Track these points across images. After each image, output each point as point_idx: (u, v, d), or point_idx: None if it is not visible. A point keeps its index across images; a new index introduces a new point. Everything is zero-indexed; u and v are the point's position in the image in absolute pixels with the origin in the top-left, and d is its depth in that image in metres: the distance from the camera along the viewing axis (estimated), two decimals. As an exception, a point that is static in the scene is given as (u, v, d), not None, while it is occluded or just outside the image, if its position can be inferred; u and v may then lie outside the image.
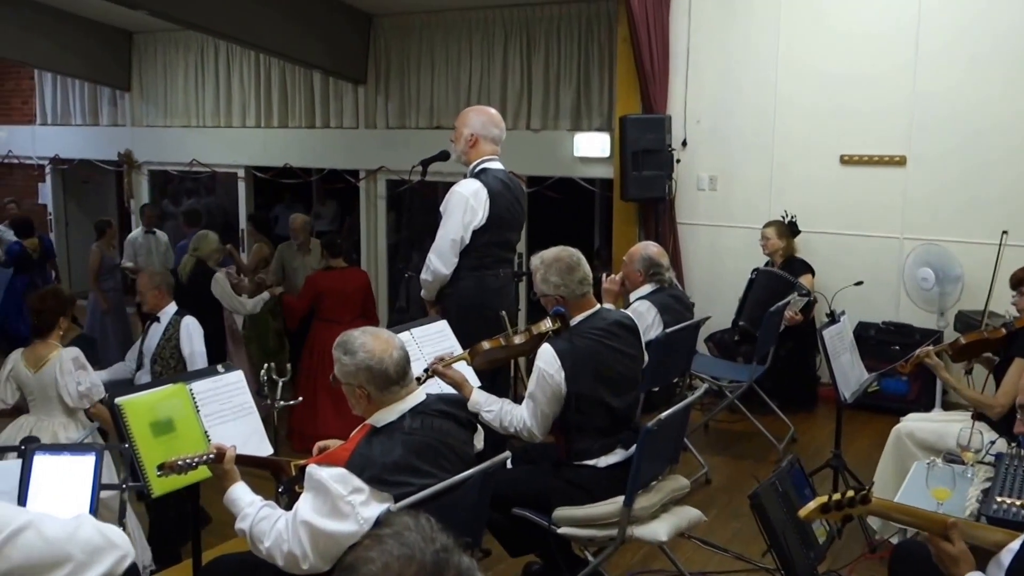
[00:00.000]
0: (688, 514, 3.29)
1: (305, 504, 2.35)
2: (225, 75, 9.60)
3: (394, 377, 2.47)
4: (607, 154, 7.23)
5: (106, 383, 4.57)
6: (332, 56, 8.29)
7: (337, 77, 8.66)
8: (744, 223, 6.56)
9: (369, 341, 2.48)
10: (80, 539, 1.84)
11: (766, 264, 6.12)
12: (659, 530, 3.11)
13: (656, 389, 4.42)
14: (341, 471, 2.33)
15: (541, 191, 7.64)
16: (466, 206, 3.98)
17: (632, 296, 4.69)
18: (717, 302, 6.31)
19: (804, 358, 6.08)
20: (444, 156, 4.35)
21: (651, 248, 4.77)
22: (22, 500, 2.45)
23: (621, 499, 3.00)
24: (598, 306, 3.33)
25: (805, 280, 5.87)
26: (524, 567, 3.64)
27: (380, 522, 2.26)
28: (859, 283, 5.64)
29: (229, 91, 9.60)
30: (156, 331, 4.79)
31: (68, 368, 4.20)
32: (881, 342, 6.02)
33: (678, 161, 6.70)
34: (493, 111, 4.24)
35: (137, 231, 8.77)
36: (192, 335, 4.75)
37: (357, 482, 2.32)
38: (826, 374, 4.50)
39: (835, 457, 4.24)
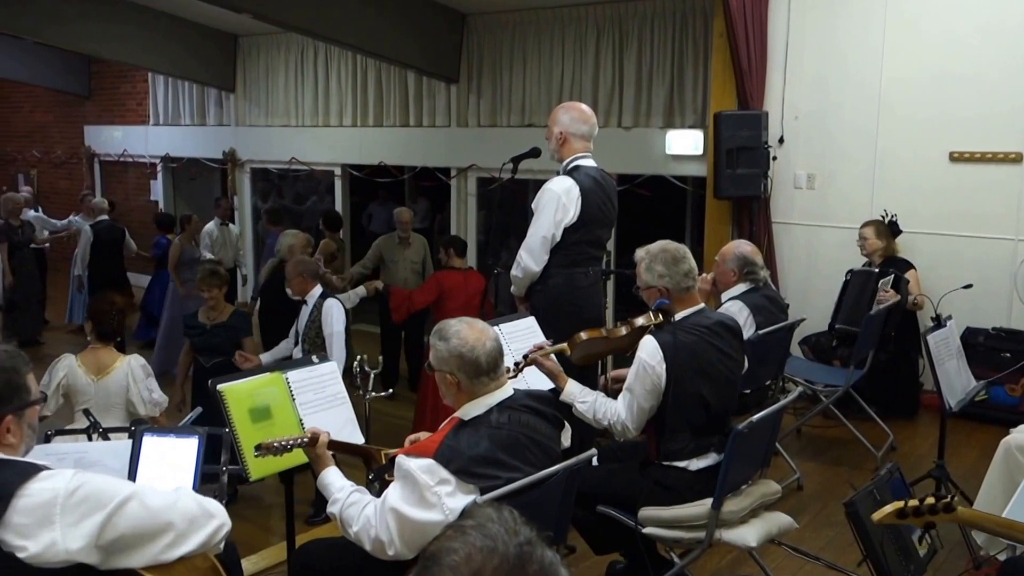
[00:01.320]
0: (779, 520, 3.21)
1: (394, 492, 2.40)
2: (323, 76, 9.87)
3: (485, 367, 2.49)
4: (700, 151, 7.12)
5: (268, 364, 4.87)
6: (426, 55, 8.42)
7: (430, 76, 8.79)
8: (843, 223, 6.35)
9: (464, 329, 2.52)
10: (180, 509, 1.94)
11: (863, 265, 5.92)
12: (748, 535, 3.04)
13: (748, 392, 4.32)
14: (429, 462, 2.36)
15: (632, 189, 7.58)
16: (558, 203, 3.98)
17: (724, 296, 4.59)
18: (813, 304, 6.13)
19: (906, 363, 5.85)
20: (535, 153, 4.35)
21: (745, 246, 4.66)
22: (131, 478, 2.58)
23: (709, 501, 2.95)
24: (702, 304, 3.28)
25: (910, 275, 5.64)
26: (608, 565, 3.62)
27: (464, 513, 2.28)
28: (968, 286, 5.37)
29: (327, 91, 9.86)
30: (304, 313, 5.13)
31: (140, 376, 4.22)
32: (991, 349, 5.73)
33: (774, 158, 6.54)
34: (583, 107, 4.22)
35: (211, 224, 9.02)
36: (333, 316, 5.06)
37: (444, 473, 2.35)
38: (930, 381, 4.32)
39: (938, 467, 4.07)
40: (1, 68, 12.08)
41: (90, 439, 3.34)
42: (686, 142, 7.27)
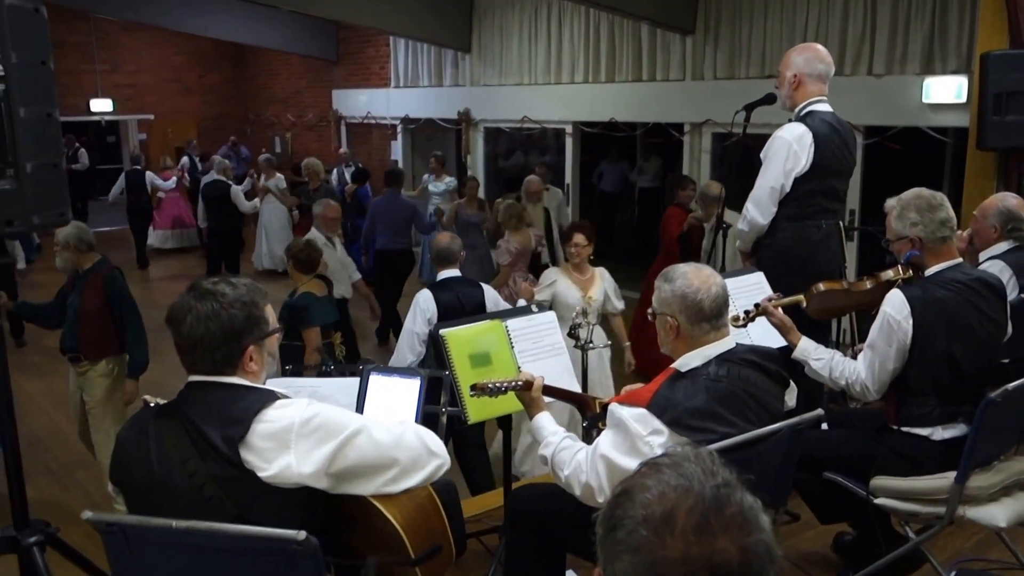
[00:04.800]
0: (1037, 501, 2.86)
1: (605, 439, 2.39)
2: (556, 33, 9.91)
3: (708, 312, 2.40)
4: (963, 99, 6.42)
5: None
6: (660, 6, 8.20)
7: (664, 28, 8.55)
8: None
9: (691, 272, 2.46)
10: (405, 446, 2.03)
11: None
12: (998, 514, 2.74)
13: (1006, 361, 3.86)
14: (642, 411, 2.32)
15: (881, 142, 6.98)
16: (788, 151, 3.74)
17: (982, 255, 4.12)
18: (1096, 269, 5.36)
19: None
20: (770, 99, 4.10)
21: (1010, 200, 4.14)
22: (359, 412, 2.74)
23: (952, 474, 2.68)
24: (959, 259, 2.98)
25: None
26: (835, 536, 3.42)
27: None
28: None
29: (559, 48, 9.90)
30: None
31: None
32: None
33: (1053, 103, 5.75)
34: (818, 46, 3.94)
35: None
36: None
37: (657, 423, 2.30)
38: None
39: None
40: (262, 38, 13.32)
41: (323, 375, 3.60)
42: (947, 89, 6.58)
